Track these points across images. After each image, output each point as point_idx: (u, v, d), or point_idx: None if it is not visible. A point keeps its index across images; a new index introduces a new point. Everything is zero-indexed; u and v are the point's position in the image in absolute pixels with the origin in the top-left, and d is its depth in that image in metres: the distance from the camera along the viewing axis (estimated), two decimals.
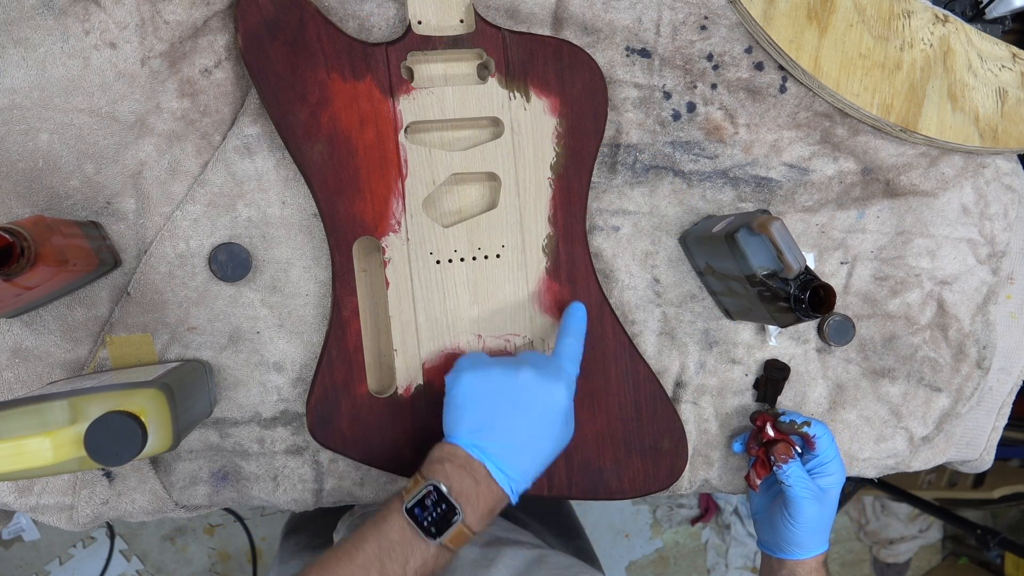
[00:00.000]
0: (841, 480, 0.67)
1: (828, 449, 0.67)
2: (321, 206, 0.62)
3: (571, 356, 0.60)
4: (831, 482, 0.67)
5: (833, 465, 0.67)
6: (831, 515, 0.67)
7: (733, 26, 0.70)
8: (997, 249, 0.76)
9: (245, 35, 0.60)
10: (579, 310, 0.65)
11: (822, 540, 0.67)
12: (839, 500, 0.68)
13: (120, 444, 0.48)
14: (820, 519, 0.66)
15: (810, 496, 0.66)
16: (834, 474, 0.67)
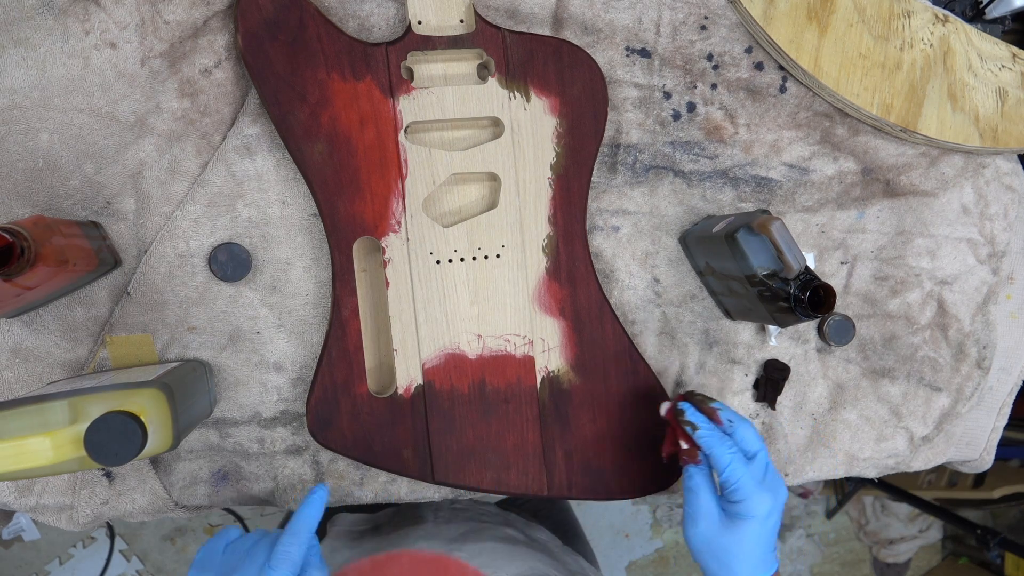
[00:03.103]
0: (759, 513, 0.57)
1: (734, 468, 0.57)
2: (321, 206, 0.62)
3: None
4: (740, 511, 0.57)
5: (743, 492, 0.57)
6: (751, 547, 0.57)
7: (733, 26, 0.70)
8: (997, 249, 0.76)
9: (245, 35, 0.60)
10: None
11: (746, 568, 0.58)
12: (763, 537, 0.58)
13: (120, 444, 0.48)
14: (722, 545, 0.58)
15: (702, 515, 0.59)
16: (741, 501, 0.57)
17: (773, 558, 0.59)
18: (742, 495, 0.57)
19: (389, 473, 0.68)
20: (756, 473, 0.57)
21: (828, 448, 0.75)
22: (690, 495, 0.60)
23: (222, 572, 0.55)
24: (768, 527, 0.58)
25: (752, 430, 0.59)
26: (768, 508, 0.57)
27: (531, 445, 0.67)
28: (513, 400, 0.66)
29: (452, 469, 0.66)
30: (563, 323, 0.67)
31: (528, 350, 0.66)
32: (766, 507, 0.57)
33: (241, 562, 0.55)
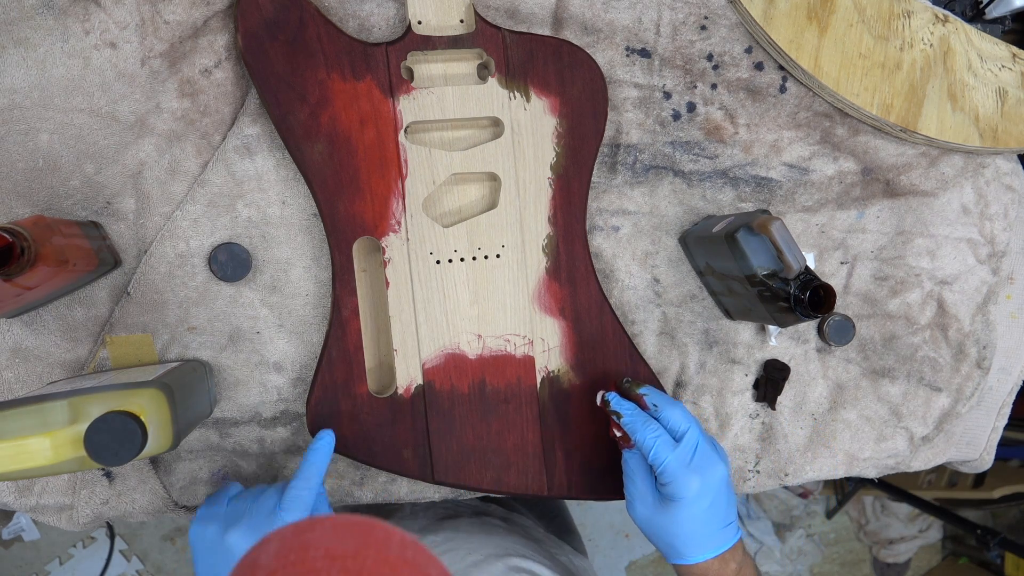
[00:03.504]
0: (687, 495, 0.57)
1: (658, 452, 0.57)
2: (321, 206, 0.62)
3: None
4: (669, 492, 0.57)
5: (669, 474, 0.57)
6: (689, 528, 0.58)
7: (733, 26, 0.70)
8: (997, 249, 0.76)
9: (245, 35, 0.60)
10: None
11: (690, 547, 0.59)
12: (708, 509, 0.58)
13: (120, 444, 0.48)
14: (661, 525, 0.59)
15: (637, 497, 0.60)
16: (669, 483, 0.57)
17: (726, 535, 0.59)
18: (668, 477, 0.57)
19: (389, 473, 0.68)
20: (683, 455, 0.57)
21: (828, 448, 0.75)
22: (627, 479, 0.61)
23: (230, 521, 0.56)
24: (701, 507, 0.57)
25: (680, 412, 0.59)
26: (697, 489, 0.57)
27: (531, 445, 0.67)
28: (513, 400, 0.66)
29: (452, 469, 0.66)
30: (563, 323, 0.67)
31: (528, 350, 0.66)
32: (694, 488, 0.57)
33: (250, 509, 0.56)
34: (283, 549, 0.33)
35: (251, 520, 0.55)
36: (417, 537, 0.36)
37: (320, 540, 0.33)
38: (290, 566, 0.32)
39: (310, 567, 0.32)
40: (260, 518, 0.55)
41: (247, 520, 0.55)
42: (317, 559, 0.32)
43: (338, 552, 0.33)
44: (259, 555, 0.34)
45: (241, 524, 0.55)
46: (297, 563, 0.32)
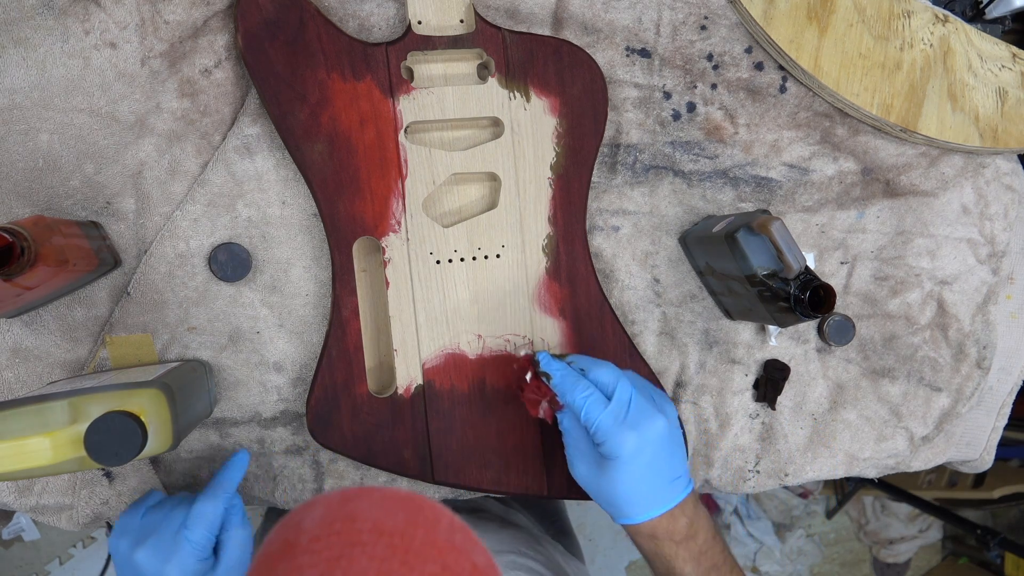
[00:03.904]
0: (623, 452, 0.55)
1: (590, 409, 0.56)
2: (321, 206, 0.62)
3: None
4: (605, 451, 0.56)
5: (603, 433, 0.56)
6: (629, 486, 0.56)
7: (733, 26, 0.70)
8: (997, 249, 0.76)
9: (245, 35, 0.60)
10: None
11: (634, 506, 0.57)
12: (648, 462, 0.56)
13: (120, 444, 0.48)
14: (601, 485, 0.57)
15: (577, 458, 0.59)
16: (604, 442, 0.56)
17: (673, 490, 0.57)
18: (602, 436, 0.56)
19: (389, 473, 0.68)
20: (615, 412, 0.56)
21: (828, 448, 0.75)
22: (565, 441, 0.60)
23: (139, 537, 0.55)
24: (641, 464, 0.55)
25: (608, 370, 0.58)
26: (633, 446, 0.55)
27: (531, 445, 0.67)
28: (513, 400, 0.66)
29: (452, 469, 0.66)
30: (563, 323, 0.67)
31: (528, 350, 0.66)
32: (630, 445, 0.55)
33: (159, 525, 0.55)
34: (328, 516, 0.33)
35: (157, 539, 0.54)
36: None
37: (368, 512, 0.33)
38: (335, 535, 0.32)
39: (355, 539, 0.31)
40: (166, 537, 0.54)
41: (153, 539, 0.54)
42: (363, 532, 0.32)
43: (386, 527, 0.32)
44: (304, 518, 0.33)
45: (147, 543, 0.54)
46: (343, 532, 0.32)
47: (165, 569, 0.53)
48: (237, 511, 0.57)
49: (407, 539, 0.32)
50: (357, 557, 0.31)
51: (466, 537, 0.34)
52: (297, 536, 0.32)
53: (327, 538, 0.31)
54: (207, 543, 0.54)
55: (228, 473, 0.57)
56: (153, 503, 0.58)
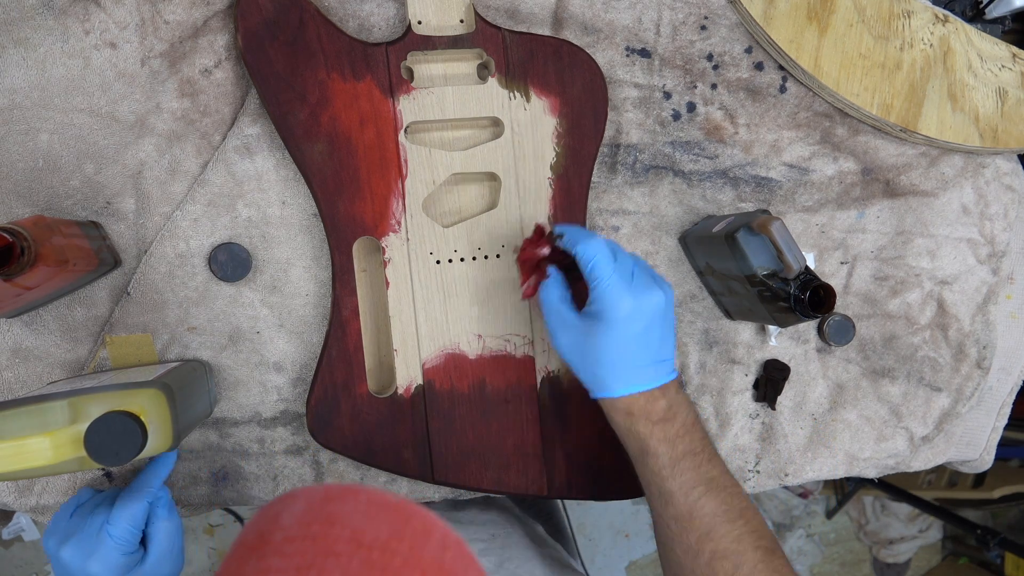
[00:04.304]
0: (617, 315, 0.54)
1: (599, 261, 0.55)
2: (321, 206, 0.62)
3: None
4: (597, 310, 0.55)
5: (602, 287, 0.55)
6: (614, 351, 0.55)
7: (733, 26, 0.70)
8: (997, 249, 0.76)
9: (245, 35, 0.60)
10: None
11: (615, 376, 0.56)
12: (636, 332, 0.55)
13: (120, 444, 0.48)
14: (585, 350, 0.56)
15: (559, 326, 0.58)
16: (599, 299, 0.55)
17: (658, 372, 0.56)
18: (600, 292, 0.55)
19: (389, 473, 0.68)
20: (622, 272, 0.55)
21: (828, 448, 0.75)
22: (546, 312, 0.59)
23: (65, 535, 0.55)
24: (631, 331, 0.55)
25: (608, 243, 0.57)
26: (628, 310, 0.54)
27: (531, 445, 0.67)
28: (513, 400, 0.66)
29: (452, 469, 0.66)
30: None
31: (528, 350, 0.66)
32: (625, 308, 0.54)
33: (84, 523, 0.56)
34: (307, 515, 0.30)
35: (80, 536, 0.55)
36: None
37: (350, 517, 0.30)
38: (309, 539, 0.29)
39: (330, 548, 0.28)
40: (90, 533, 0.55)
41: (77, 536, 0.55)
42: (341, 540, 0.29)
43: (366, 538, 0.29)
44: (282, 511, 0.31)
45: (72, 540, 0.55)
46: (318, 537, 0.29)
47: (88, 565, 0.54)
48: (163, 503, 0.58)
49: (387, 555, 0.28)
50: (329, 570, 0.28)
51: (459, 555, 0.30)
52: (272, 531, 0.30)
53: (301, 541, 0.29)
54: (130, 537, 0.55)
55: (153, 468, 0.58)
56: (83, 500, 0.59)
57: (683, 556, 0.56)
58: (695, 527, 0.55)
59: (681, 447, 0.56)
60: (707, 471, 0.56)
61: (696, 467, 0.55)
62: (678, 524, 0.56)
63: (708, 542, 0.54)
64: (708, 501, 0.55)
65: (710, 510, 0.55)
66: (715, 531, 0.54)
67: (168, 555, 0.57)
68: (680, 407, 0.57)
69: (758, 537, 0.55)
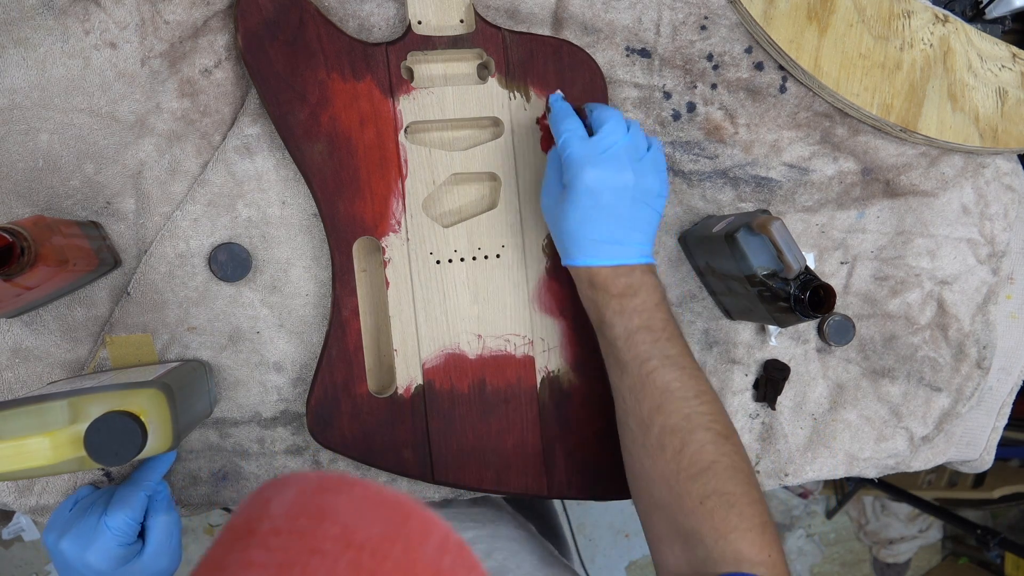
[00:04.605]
0: (579, 185, 0.55)
1: (568, 138, 0.57)
2: (321, 206, 0.62)
3: None
4: (566, 179, 0.57)
5: (569, 157, 0.56)
6: (576, 220, 0.56)
7: (733, 26, 0.70)
8: (997, 249, 0.76)
9: (245, 35, 0.60)
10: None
11: (577, 245, 0.57)
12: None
13: (120, 444, 0.48)
14: (555, 216, 0.58)
15: (546, 190, 0.59)
16: (567, 169, 0.56)
17: (624, 252, 0.57)
18: (568, 163, 0.56)
19: (389, 473, 0.68)
20: (591, 148, 0.56)
21: (828, 448, 0.75)
22: (545, 176, 0.60)
23: (65, 528, 0.56)
24: (593, 204, 0.55)
25: (612, 116, 0.57)
26: (592, 180, 0.55)
27: (531, 445, 0.67)
28: (513, 400, 0.66)
29: (452, 469, 0.66)
30: (563, 323, 0.67)
31: (528, 350, 0.66)
32: (589, 178, 0.55)
33: (83, 516, 0.57)
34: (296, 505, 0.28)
35: (79, 527, 0.56)
36: None
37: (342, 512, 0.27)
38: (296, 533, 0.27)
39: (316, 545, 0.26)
40: (88, 526, 0.56)
41: (76, 528, 0.56)
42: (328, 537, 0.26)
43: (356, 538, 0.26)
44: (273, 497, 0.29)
45: (71, 532, 0.56)
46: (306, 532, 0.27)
47: (86, 555, 0.55)
48: (161, 498, 0.59)
49: (378, 557, 0.26)
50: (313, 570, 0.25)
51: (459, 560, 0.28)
52: (260, 519, 0.28)
53: (287, 534, 0.27)
54: (128, 529, 0.56)
55: (152, 462, 0.59)
56: (81, 496, 0.60)
57: (636, 429, 0.57)
58: (647, 398, 0.56)
59: (637, 321, 0.56)
60: (664, 348, 0.56)
61: (652, 342, 0.56)
62: (632, 395, 0.57)
63: (659, 415, 0.55)
64: (662, 375, 0.56)
65: (662, 384, 0.55)
66: (666, 406, 0.55)
67: (165, 549, 0.58)
68: (644, 288, 0.57)
69: (711, 420, 0.55)
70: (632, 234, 0.57)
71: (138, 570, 0.57)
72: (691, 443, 0.54)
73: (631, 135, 0.57)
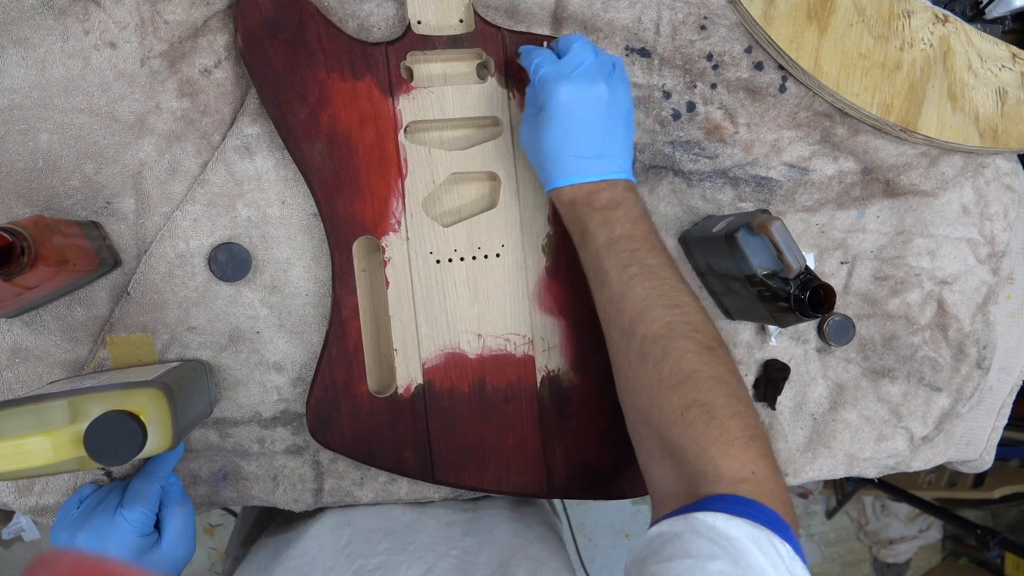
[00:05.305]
0: (553, 102, 0.56)
1: (539, 64, 0.58)
2: (321, 206, 0.62)
3: None
4: (540, 101, 0.57)
5: (541, 81, 0.57)
6: (551, 140, 0.56)
7: (733, 26, 0.70)
8: (997, 249, 0.76)
9: (245, 35, 0.60)
10: None
11: (556, 166, 0.57)
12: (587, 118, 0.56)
13: (120, 444, 0.48)
14: (536, 137, 0.58)
15: (524, 122, 0.60)
16: (540, 91, 0.57)
17: (603, 167, 0.57)
18: (540, 84, 0.57)
19: (389, 473, 0.68)
20: (561, 67, 0.57)
21: (828, 448, 0.75)
22: (524, 114, 0.61)
23: (78, 524, 0.57)
24: (570, 119, 0.56)
25: (578, 39, 0.58)
26: (566, 97, 0.55)
27: (531, 445, 0.67)
28: (513, 400, 0.66)
29: (452, 469, 0.66)
30: (563, 322, 0.67)
31: (528, 349, 0.66)
32: (563, 95, 0.55)
33: (96, 511, 0.57)
34: None
35: (96, 521, 0.56)
36: None
37: None
38: None
39: None
40: (104, 518, 0.56)
41: (92, 522, 0.56)
42: None
43: None
44: None
45: (86, 527, 0.56)
46: None
47: (105, 547, 0.56)
48: (175, 489, 0.60)
49: None
50: None
51: None
52: None
53: None
54: (145, 520, 0.57)
55: (162, 456, 0.59)
56: (87, 495, 0.61)
57: (618, 339, 0.56)
58: (627, 307, 0.55)
59: (619, 230, 0.56)
60: (645, 257, 0.56)
61: (633, 251, 0.56)
62: (613, 305, 0.56)
63: (640, 324, 0.54)
64: (641, 282, 0.55)
65: (642, 292, 0.55)
66: (647, 314, 0.54)
67: (182, 539, 0.59)
68: (626, 201, 0.57)
69: (693, 329, 0.54)
70: (611, 147, 0.57)
71: (157, 560, 0.58)
72: (672, 351, 0.53)
73: (598, 54, 0.58)
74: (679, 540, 0.44)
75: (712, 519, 0.44)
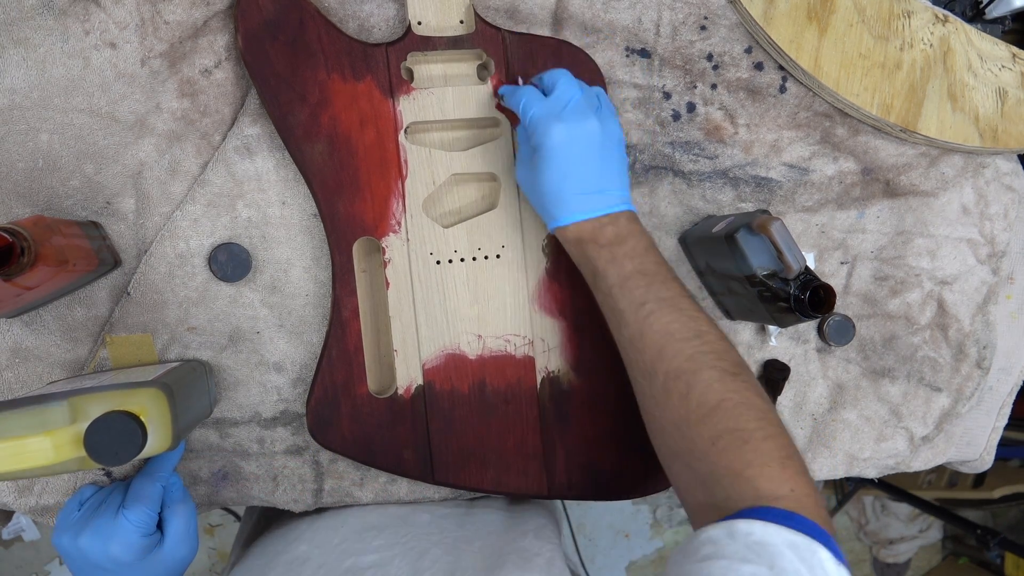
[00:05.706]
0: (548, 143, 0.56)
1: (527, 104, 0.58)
2: (321, 206, 0.62)
3: None
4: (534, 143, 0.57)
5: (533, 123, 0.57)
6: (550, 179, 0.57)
7: (733, 26, 0.70)
8: (997, 249, 0.76)
9: (245, 35, 0.60)
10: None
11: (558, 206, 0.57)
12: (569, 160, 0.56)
13: (120, 444, 0.48)
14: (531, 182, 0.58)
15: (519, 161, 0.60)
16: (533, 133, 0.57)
17: (603, 201, 0.57)
18: (533, 126, 0.57)
19: (389, 473, 0.68)
20: (550, 106, 0.57)
21: (828, 448, 0.75)
22: (517, 153, 0.61)
23: (80, 526, 0.57)
24: (567, 158, 0.56)
25: (559, 73, 0.58)
26: (561, 137, 0.55)
27: (531, 445, 0.67)
28: (513, 400, 0.66)
29: (452, 469, 0.66)
30: (563, 323, 0.67)
31: (528, 350, 0.66)
32: (557, 135, 0.55)
33: (98, 511, 0.57)
34: None
35: (98, 522, 0.56)
36: None
37: None
38: None
39: None
40: (107, 520, 0.56)
41: (94, 523, 0.56)
42: None
43: None
44: None
45: (89, 528, 0.56)
46: None
47: (109, 547, 0.56)
48: (176, 488, 0.60)
49: None
50: None
51: None
52: None
53: None
54: (148, 519, 0.57)
55: (163, 456, 0.60)
56: (87, 496, 0.61)
57: (642, 380, 0.56)
58: (647, 346, 0.55)
59: (630, 267, 0.56)
60: (659, 291, 0.55)
61: (646, 286, 0.55)
62: (632, 347, 0.56)
63: (661, 362, 0.54)
64: (659, 318, 0.54)
65: (660, 327, 0.54)
66: (667, 350, 0.54)
67: (185, 538, 0.59)
68: (631, 235, 0.57)
69: (716, 358, 0.53)
70: (610, 180, 0.58)
71: (160, 559, 0.58)
72: (696, 384, 0.52)
73: (583, 89, 0.58)
74: (716, 543, 0.44)
75: (750, 526, 0.45)
